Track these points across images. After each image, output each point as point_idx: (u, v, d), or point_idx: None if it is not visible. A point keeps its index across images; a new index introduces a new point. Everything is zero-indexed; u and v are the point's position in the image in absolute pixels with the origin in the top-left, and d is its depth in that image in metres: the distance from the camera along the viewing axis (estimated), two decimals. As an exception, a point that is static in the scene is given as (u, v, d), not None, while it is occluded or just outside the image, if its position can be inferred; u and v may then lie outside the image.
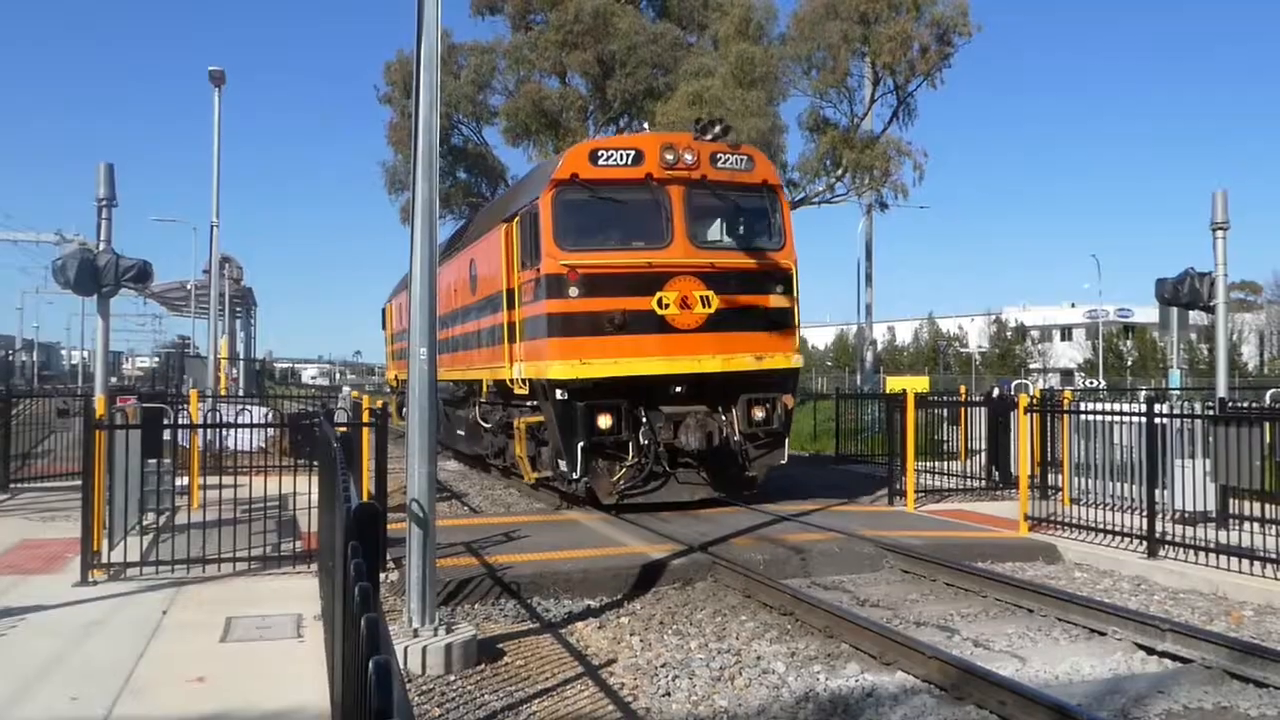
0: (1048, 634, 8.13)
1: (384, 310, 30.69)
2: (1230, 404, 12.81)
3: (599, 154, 13.26)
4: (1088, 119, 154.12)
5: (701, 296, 12.95)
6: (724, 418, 13.28)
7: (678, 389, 13.07)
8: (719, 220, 14.18)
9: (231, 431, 13.51)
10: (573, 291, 12.66)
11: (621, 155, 13.15)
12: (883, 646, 7.38)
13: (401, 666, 6.89)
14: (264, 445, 15.51)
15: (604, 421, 12.60)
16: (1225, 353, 14.01)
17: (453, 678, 6.90)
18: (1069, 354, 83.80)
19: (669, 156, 13.14)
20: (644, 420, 12.94)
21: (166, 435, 12.60)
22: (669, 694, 6.76)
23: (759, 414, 13.32)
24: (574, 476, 12.76)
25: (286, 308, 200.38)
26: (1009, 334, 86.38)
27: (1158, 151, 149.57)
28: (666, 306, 12.80)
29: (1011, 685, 6.32)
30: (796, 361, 13.82)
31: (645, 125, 15.78)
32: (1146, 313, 63.18)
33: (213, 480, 12.84)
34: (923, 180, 34.12)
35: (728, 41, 33.50)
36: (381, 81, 39.82)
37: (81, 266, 11.89)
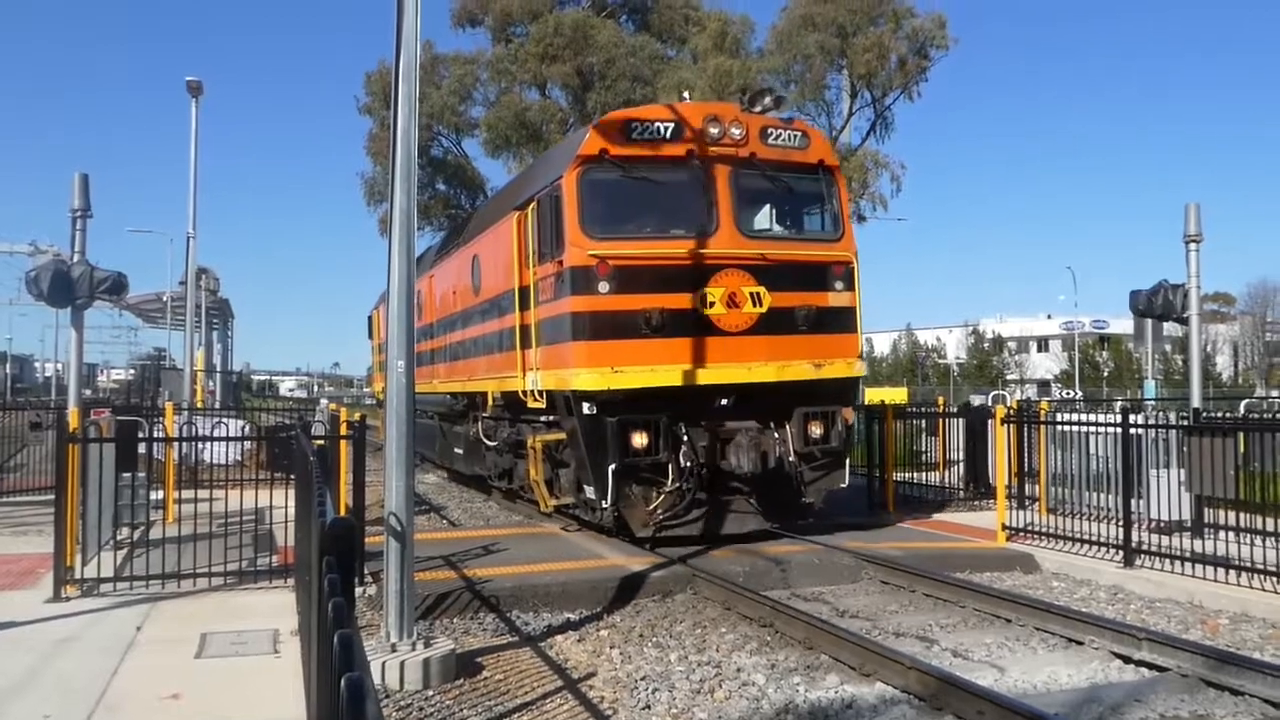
0: (1026, 643, 8.16)
1: (370, 318, 29.40)
2: (1204, 414, 12.94)
3: (633, 126, 11.47)
4: (1065, 129, 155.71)
5: (751, 293, 11.35)
6: (776, 435, 11.64)
7: (724, 401, 11.47)
8: (769, 205, 12.56)
9: (208, 445, 13.45)
10: (602, 287, 10.97)
11: (659, 128, 11.45)
12: (862, 657, 7.39)
13: (379, 682, 6.84)
14: (240, 458, 15.42)
15: (639, 440, 10.88)
16: (1199, 363, 14.17)
17: (431, 693, 6.85)
18: (1045, 365, 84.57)
19: (714, 130, 11.52)
20: (685, 438, 11.26)
21: (142, 448, 12.51)
22: (649, 707, 6.73)
23: (816, 430, 11.70)
24: (603, 505, 11.09)
25: (264, 320, 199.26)
26: (986, 345, 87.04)
27: (1133, 163, 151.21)
28: (711, 305, 11.22)
29: (990, 695, 6.34)
30: (859, 369, 12.35)
31: (686, 95, 14.25)
32: (1122, 324, 63.79)
33: (188, 494, 12.74)
34: (900, 192, 34.35)
35: (706, 55, 33.66)
36: (362, 92, 39.79)
37: (55, 278, 11.79)
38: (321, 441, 10.07)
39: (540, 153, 32.82)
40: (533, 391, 12.26)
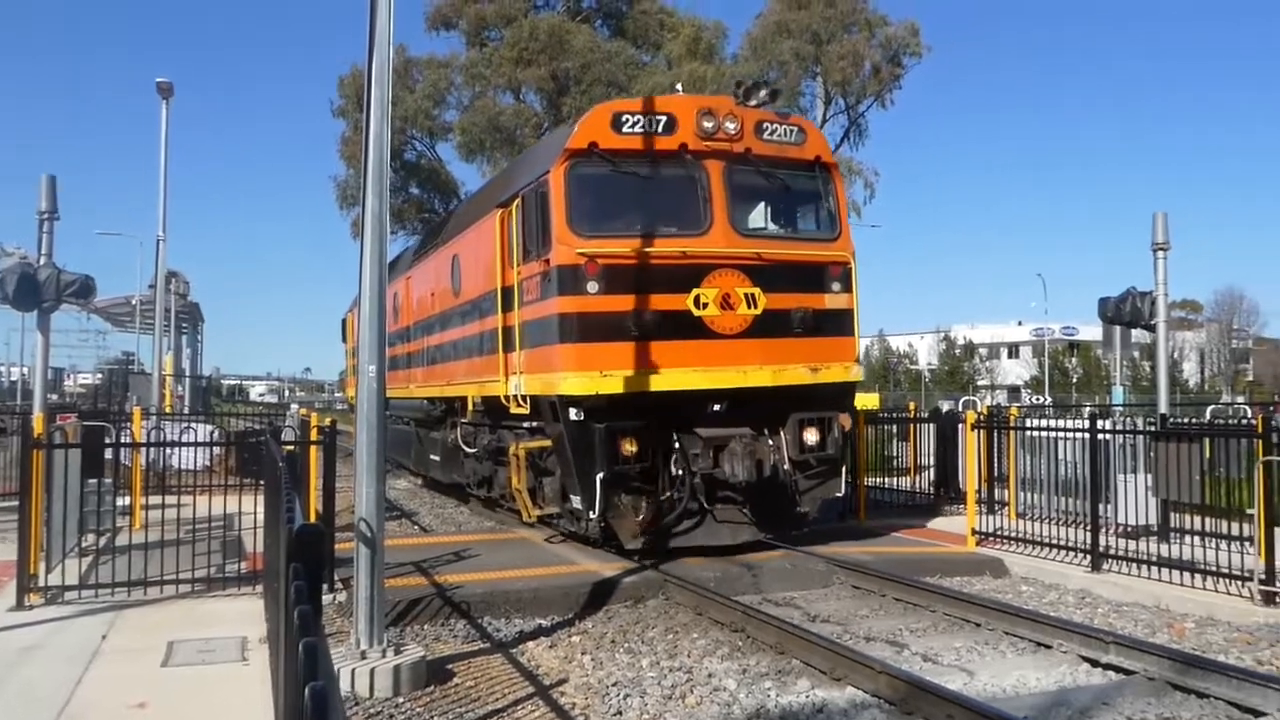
0: (995, 647, 8.22)
1: (344, 321, 28.55)
2: (1171, 420, 13.09)
3: (623, 119, 10.97)
4: (1037, 136, 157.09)
5: (746, 294, 10.93)
6: (771, 442, 11.26)
7: (717, 407, 11.03)
8: (764, 203, 12.20)
9: (176, 450, 13.31)
10: (591, 287, 10.53)
11: (650, 121, 10.98)
12: (833, 662, 7.41)
13: (349, 689, 6.80)
14: (209, 464, 15.28)
15: (628, 447, 10.48)
16: (1166, 370, 14.33)
17: (401, 700, 6.81)
18: (1016, 371, 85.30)
19: (707, 124, 11.09)
20: (676, 445, 10.92)
21: (109, 454, 12.37)
22: (620, 713, 6.73)
23: (812, 437, 11.31)
24: (590, 515, 10.64)
25: (235, 324, 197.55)
26: (958, 351, 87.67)
27: (1103, 172, 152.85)
28: (705, 306, 10.77)
29: (959, 699, 6.38)
30: (857, 374, 11.90)
31: (679, 86, 13.77)
32: (1091, 331, 64.50)
33: (156, 500, 12.60)
34: (874, 199, 34.75)
35: (680, 61, 33.81)
36: (335, 95, 39.68)
37: (21, 281, 11.65)
38: (291, 447, 9.99)
39: (515, 156, 32.81)
40: (516, 396, 11.80)
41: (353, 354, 27.09)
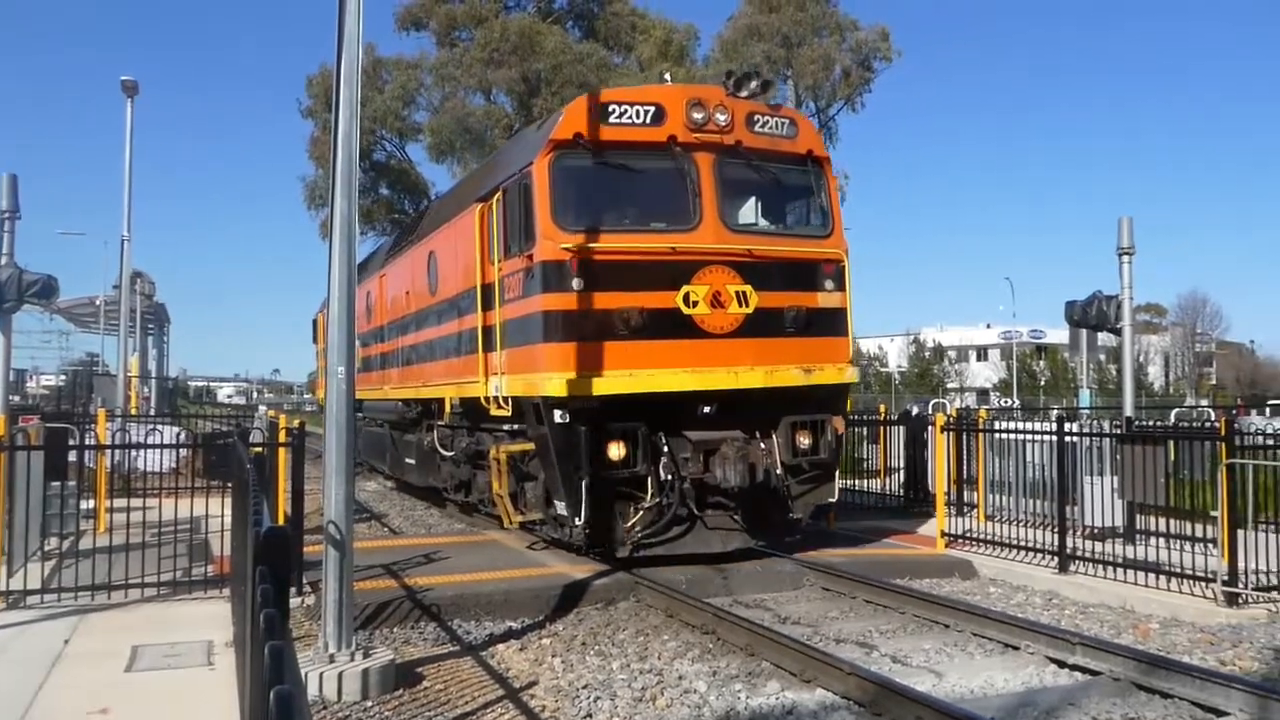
0: (963, 649, 8.27)
1: (315, 321, 27.85)
2: (1136, 423, 13.23)
3: (610, 109, 10.62)
4: (1006, 139, 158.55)
5: (737, 292, 10.55)
6: (763, 446, 10.87)
7: (707, 409, 10.63)
8: (755, 198, 11.82)
9: (141, 452, 13.15)
10: (576, 283, 10.09)
11: (638, 111, 10.63)
12: (803, 664, 7.43)
13: (317, 693, 6.74)
14: (176, 466, 15.11)
15: (615, 451, 10.13)
16: (1131, 373, 14.47)
17: (370, 704, 6.76)
18: (985, 373, 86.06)
19: (697, 115, 10.72)
20: (665, 449, 10.50)
21: (72, 456, 12.21)
22: (590, 715, 6.71)
23: (804, 441, 10.99)
24: (575, 521, 10.24)
25: (202, 325, 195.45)
26: (927, 354, 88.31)
27: (1069, 176, 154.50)
28: (694, 304, 10.39)
29: (928, 700, 6.42)
30: (851, 375, 11.55)
31: (667, 77, 13.41)
32: (1058, 334, 65.10)
33: (121, 503, 12.46)
34: (844, 201, 34.84)
35: (651, 63, 33.89)
36: (304, 94, 39.40)
37: (-18, 281, 11.46)
38: (259, 449, 9.90)
39: (484, 158, 32.68)
40: (496, 398, 11.38)
41: (324, 355, 26.38)
